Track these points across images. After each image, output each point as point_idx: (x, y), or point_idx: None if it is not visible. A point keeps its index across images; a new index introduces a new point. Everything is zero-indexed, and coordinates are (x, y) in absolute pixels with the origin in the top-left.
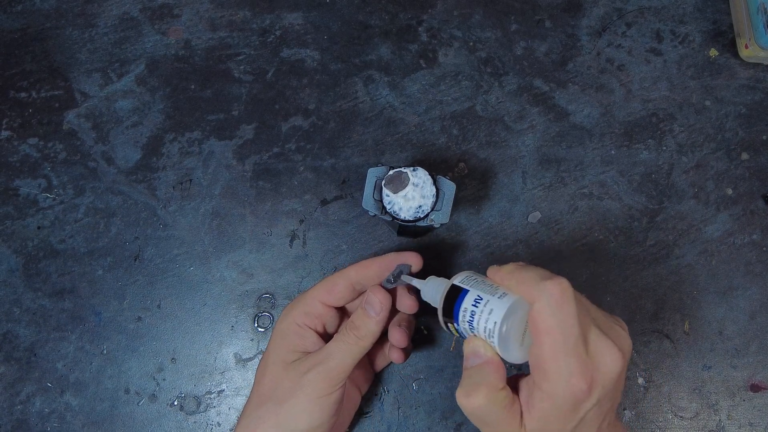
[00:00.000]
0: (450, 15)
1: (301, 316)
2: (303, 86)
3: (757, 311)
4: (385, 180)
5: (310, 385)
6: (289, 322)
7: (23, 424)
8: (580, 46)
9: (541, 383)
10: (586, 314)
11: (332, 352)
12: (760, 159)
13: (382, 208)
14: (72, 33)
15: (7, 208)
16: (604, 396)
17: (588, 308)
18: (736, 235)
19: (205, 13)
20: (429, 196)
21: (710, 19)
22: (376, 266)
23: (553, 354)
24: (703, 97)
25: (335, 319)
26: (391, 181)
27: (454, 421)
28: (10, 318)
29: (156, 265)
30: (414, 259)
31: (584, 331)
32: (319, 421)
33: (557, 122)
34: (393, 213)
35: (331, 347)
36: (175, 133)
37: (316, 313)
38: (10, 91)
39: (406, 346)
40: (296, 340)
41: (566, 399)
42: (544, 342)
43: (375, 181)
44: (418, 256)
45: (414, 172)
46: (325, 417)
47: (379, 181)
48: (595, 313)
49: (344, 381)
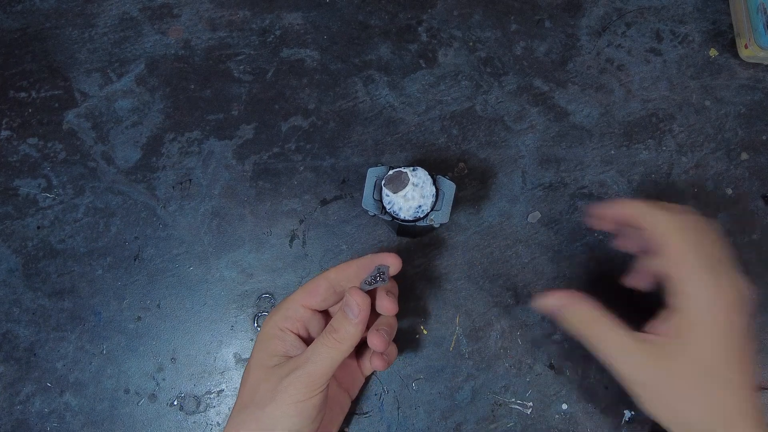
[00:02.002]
0: (450, 15)
1: (283, 320)
2: (303, 86)
3: (757, 311)
4: (384, 180)
5: (289, 389)
6: (270, 326)
7: (23, 424)
8: (579, 46)
9: (680, 305)
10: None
11: (312, 356)
12: (760, 159)
13: (381, 208)
14: (72, 33)
15: (7, 207)
16: (748, 320)
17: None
18: (735, 235)
19: (205, 13)
20: (429, 196)
21: (710, 19)
22: (355, 267)
23: (692, 271)
24: (702, 97)
25: (319, 323)
26: (391, 180)
27: (453, 421)
28: (9, 318)
29: (156, 264)
30: (392, 260)
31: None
32: (298, 426)
33: (557, 122)
34: (393, 213)
35: (311, 351)
36: (175, 132)
37: (297, 317)
38: (10, 90)
39: (383, 350)
40: (278, 344)
41: (715, 310)
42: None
43: (375, 181)
44: (396, 257)
45: (414, 172)
46: (305, 422)
47: (378, 180)
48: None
49: (325, 385)
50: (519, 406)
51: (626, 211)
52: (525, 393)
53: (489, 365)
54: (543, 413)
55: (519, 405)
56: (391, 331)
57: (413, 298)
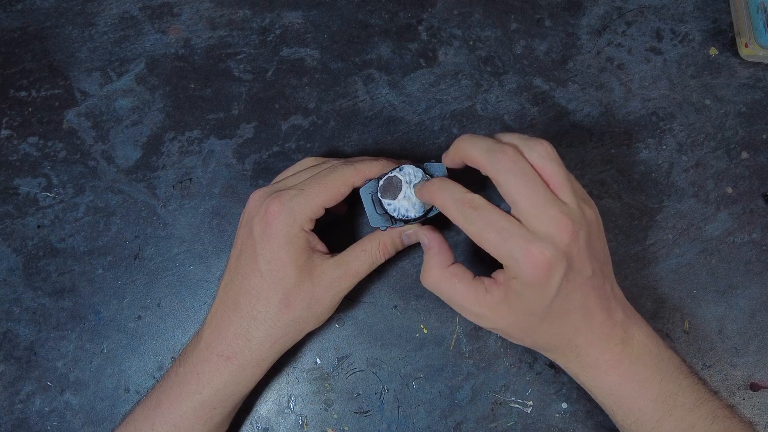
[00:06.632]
0: (450, 14)
1: (308, 223)
2: (303, 85)
3: (756, 310)
4: (380, 192)
5: (340, 284)
6: (296, 228)
7: (23, 423)
8: (580, 45)
9: (507, 272)
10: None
11: (354, 261)
12: (760, 158)
13: (390, 218)
14: (72, 32)
15: (7, 206)
16: (570, 263)
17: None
18: (735, 234)
19: (205, 12)
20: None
21: (710, 18)
22: (377, 170)
23: (496, 247)
24: (702, 96)
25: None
26: (386, 190)
27: (453, 420)
28: (9, 317)
29: (156, 263)
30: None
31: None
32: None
33: (557, 121)
34: (403, 217)
35: (354, 256)
36: (175, 131)
37: (317, 216)
38: (10, 89)
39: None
40: (304, 241)
41: (531, 274)
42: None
43: (371, 197)
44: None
45: (401, 171)
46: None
47: (374, 195)
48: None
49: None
50: (519, 405)
51: (458, 155)
52: (525, 392)
53: (489, 364)
54: (543, 412)
55: (519, 404)
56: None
57: (413, 297)
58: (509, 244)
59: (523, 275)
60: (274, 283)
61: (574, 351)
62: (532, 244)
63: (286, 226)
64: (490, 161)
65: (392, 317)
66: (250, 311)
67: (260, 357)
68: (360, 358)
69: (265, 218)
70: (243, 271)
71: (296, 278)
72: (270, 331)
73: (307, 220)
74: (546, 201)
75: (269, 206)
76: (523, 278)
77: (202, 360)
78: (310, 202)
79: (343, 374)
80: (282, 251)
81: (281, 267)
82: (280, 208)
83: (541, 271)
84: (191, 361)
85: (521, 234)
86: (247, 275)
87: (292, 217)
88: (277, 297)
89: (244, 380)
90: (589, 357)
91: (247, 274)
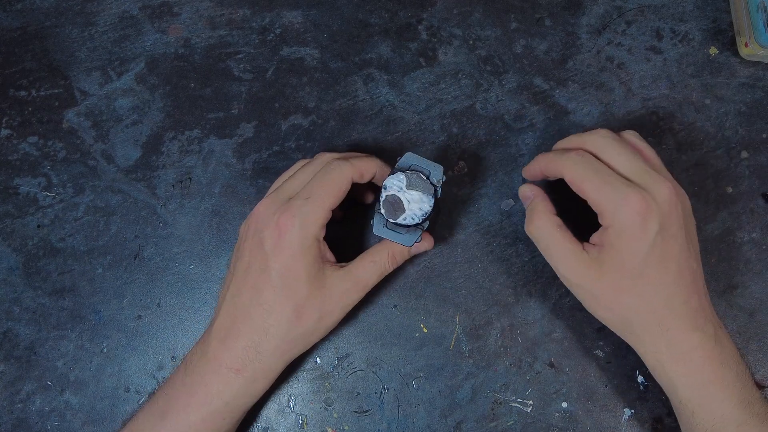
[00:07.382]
0: (450, 13)
1: (321, 230)
2: (303, 84)
3: (756, 309)
4: (388, 215)
5: (350, 296)
6: (309, 237)
7: (23, 423)
8: (579, 45)
9: (603, 221)
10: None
11: (364, 273)
12: (760, 157)
13: (406, 227)
14: (71, 31)
15: (7, 206)
16: (667, 222)
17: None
18: (735, 234)
19: (205, 12)
20: (423, 181)
21: (710, 17)
22: (372, 166)
23: (597, 190)
24: (702, 95)
25: None
26: (393, 211)
27: (453, 420)
28: (9, 316)
29: (156, 263)
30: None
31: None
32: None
33: (557, 120)
34: (422, 218)
35: (363, 268)
36: (175, 131)
37: (327, 221)
38: (10, 89)
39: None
40: (317, 252)
41: (628, 219)
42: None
43: (384, 223)
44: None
45: (388, 189)
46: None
47: (388, 220)
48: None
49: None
50: (519, 404)
51: (539, 166)
52: (525, 391)
53: (489, 363)
54: (543, 411)
55: (519, 403)
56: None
57: (413, 297)
58: (609, 187)
59: (618, 221)
60: (286, 297)
61: (665, 336)
62: (632, 189)
63: (299, 236)
64: (591, 144)
65: (392, 317)
66: (262, 324)
67: (269, 369)
68: (360, 357)
69: (277, 230)
70: (253, 284)
71: (308, 291)
72: (280, 344)
73: (319, 228)
74: (646, 168)
75: (281, 218)
76: (618, 224)
77: (210, 371)
78: (319, 209)
79: (343, 374)
80: (296, 263)
81: (294, 280)
82: (292, 220)
83: (637, 216)
84: (198, 372)
85: (623, 181)
86: (259, 288)
87: (305, 227)
88: (289, 310)
89: (253, 391)
90: (682, 346)
91: (258, 287)
